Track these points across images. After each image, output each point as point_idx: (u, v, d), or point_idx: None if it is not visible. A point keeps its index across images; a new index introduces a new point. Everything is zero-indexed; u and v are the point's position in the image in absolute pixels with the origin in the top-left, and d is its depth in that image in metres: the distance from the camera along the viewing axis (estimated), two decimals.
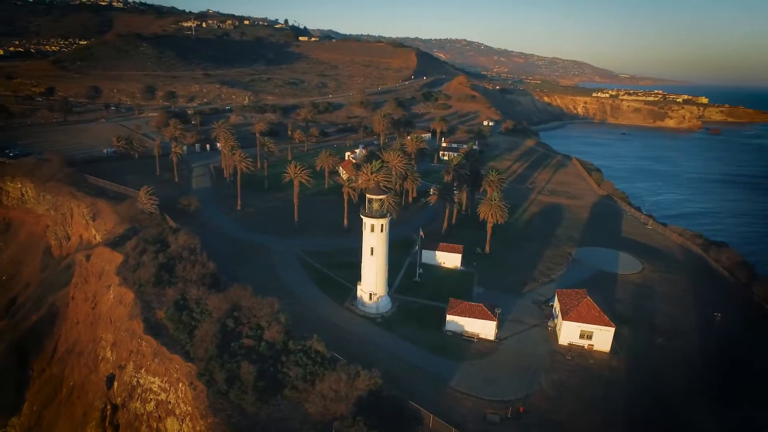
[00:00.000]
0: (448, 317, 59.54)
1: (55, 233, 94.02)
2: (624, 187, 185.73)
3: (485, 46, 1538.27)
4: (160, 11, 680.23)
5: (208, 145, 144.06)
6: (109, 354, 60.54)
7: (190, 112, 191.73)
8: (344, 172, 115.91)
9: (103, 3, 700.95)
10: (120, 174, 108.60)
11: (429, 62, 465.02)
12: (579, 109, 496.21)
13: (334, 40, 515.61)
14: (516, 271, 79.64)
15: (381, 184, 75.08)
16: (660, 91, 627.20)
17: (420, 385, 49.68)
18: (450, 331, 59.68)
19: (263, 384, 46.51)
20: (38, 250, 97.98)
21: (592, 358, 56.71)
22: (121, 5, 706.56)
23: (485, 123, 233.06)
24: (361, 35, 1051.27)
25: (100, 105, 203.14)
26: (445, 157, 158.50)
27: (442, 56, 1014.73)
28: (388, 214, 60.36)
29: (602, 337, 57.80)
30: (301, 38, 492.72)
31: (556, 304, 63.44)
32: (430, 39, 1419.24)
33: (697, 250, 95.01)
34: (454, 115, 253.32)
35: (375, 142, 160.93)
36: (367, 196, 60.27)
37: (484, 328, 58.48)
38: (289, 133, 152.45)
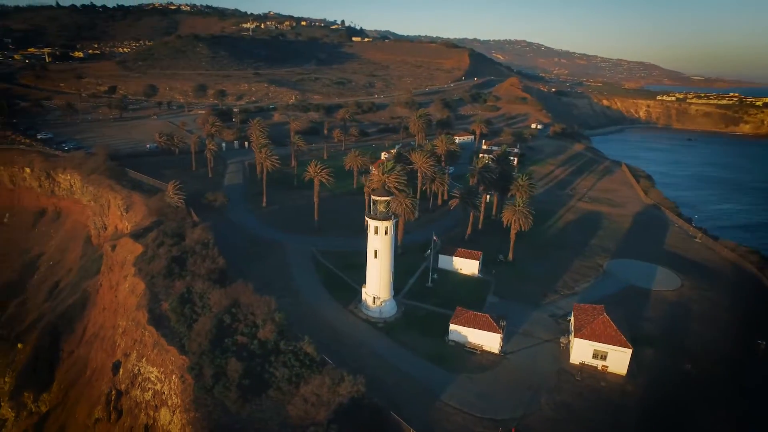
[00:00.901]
0: (451, 326, 57.06)
1: (95, 223, 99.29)
2: (680, 196, 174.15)
3: (546, 47, 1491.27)
4: (223, 13, 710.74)
5: (246, 143, 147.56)
6: (120, 341, 62.75)
7: (235, 110, 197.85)
8: (375, 172, 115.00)
9: (172, 7, 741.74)
10: (158, 168, 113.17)
11: (482, 63, 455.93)
12: (641, 113, 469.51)
13: (387, 41, 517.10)
14: (538, 281, 75.50)
15: (393, 186, 73.35)
16: (736, 94, 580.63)
17: (409, 396, 47.67)
18: (453, 341, 57.16)
19: (248, 382, 46.29)
20: (81, 238, 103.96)
21: (605, 381, 52.36)
22: (188, 8, 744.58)
23: (533, 126, 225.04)
24: (419, 36, 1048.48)
25: (154, 102, 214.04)
26: (485, 159, 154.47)
27: (500, 58, 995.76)
28: (392, 216, 58.63)
29: (618, 359, 53.25)
30: (354, 39, 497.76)
31: (572, 319, 59.38)
32: (489, 40, 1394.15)
33: (750, 268, 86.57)
34: (501, 118, 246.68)
35: (412, 143, 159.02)
36: (372, 197, 58.85)
37: (488, 341, 55.53)
38: (325, 132, 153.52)
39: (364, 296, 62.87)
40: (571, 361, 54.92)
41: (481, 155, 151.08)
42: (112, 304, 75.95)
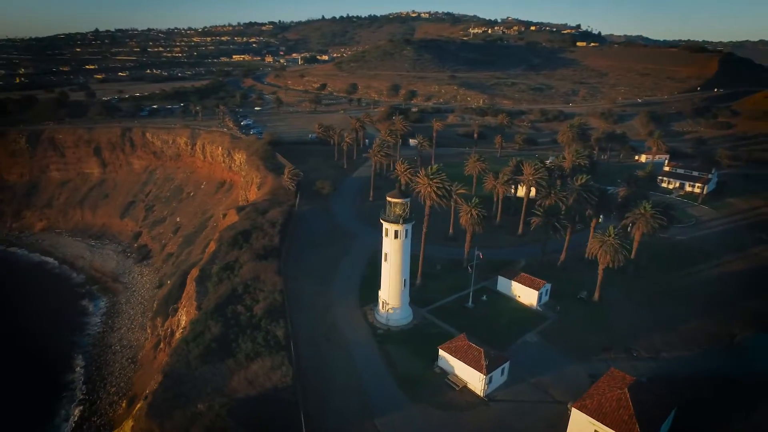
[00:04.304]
0: (440, 352, 51.00)
1: (242, 195, 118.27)
2: None
3: None
4: (459, 20, 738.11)
5: (400, 139, 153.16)
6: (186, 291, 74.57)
7: (414, 109, 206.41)
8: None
9: (413, 15, 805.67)
10: (306, 155, 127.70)
11: (740, 71, 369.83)
12: None
13: (616, 46, 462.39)
14: (614, 332, 60.74)
15: (433, 191, 67.97)
16: None
17: (343, 408, 44.95)
18: (441, 368, 51.11)
19: (215, 346, 50.52)
20: (235, 207, 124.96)
21: None
22: (427, 15, 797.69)
23: None
24: (679, 41, 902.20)
25: (348, 99, 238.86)
26: (664, 184, 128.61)
27: None
28: (401, 221, 55.00)
29: None
30: (579, 44, 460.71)
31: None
32: None
33: None
34: (728, 138, 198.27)
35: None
36: (387, 198, 56.42)
37: (473, 379, 47.91)
38: (475, 136, 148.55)
39: (380, 299, 60.87)
40: None
41: (661, 177, 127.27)
42: None
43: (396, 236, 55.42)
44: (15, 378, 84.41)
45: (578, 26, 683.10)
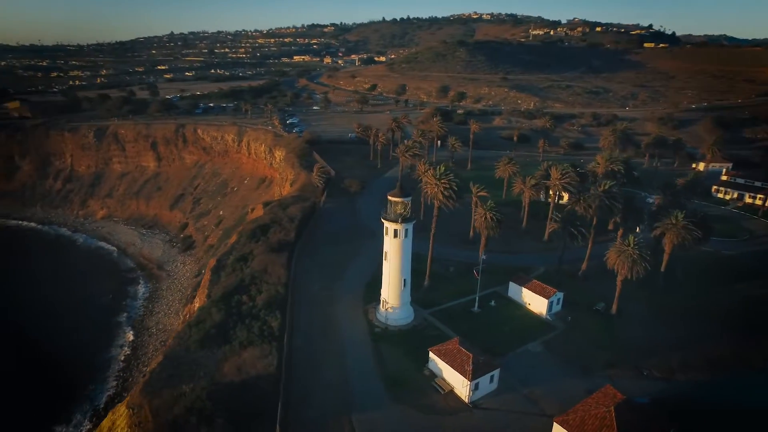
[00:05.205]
0: (430, 354, 50.33)
1: (277, 191, 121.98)
2: None
3: None
4: (521, 21, 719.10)
5: (439, 141, 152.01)
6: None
7: (459, 111, 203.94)
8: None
9: (474, 16, 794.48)
10: (343, 154, 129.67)
11: None
12: None
13: (688, 46, 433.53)
14: (625, 348, 57.38)
15: (441, 191, 66.66)
16: None
17: (323, 403, 45.29)
18: (430, 370, 50.50)
19: (214, 332, 52.69)
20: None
21: None
22: (488, 17, 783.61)
23: None
24: None
25: (395, 99, 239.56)
26: (720, 194, 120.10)
27: None
28: (401, 220, 54.76)
29: None
30: (646, 45, 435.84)
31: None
32: None
33: None
34: None
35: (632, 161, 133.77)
36: (388, 197, 56.38)
37: (458, 384, 46.97)
38: (515, 139, 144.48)
39: (381, 298, 60.94)
40: None
41: (716, 187, 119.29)
42: None
43: (396, 235, 55.36)
44: (63, 353, 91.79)
45: (650, 26, 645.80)
